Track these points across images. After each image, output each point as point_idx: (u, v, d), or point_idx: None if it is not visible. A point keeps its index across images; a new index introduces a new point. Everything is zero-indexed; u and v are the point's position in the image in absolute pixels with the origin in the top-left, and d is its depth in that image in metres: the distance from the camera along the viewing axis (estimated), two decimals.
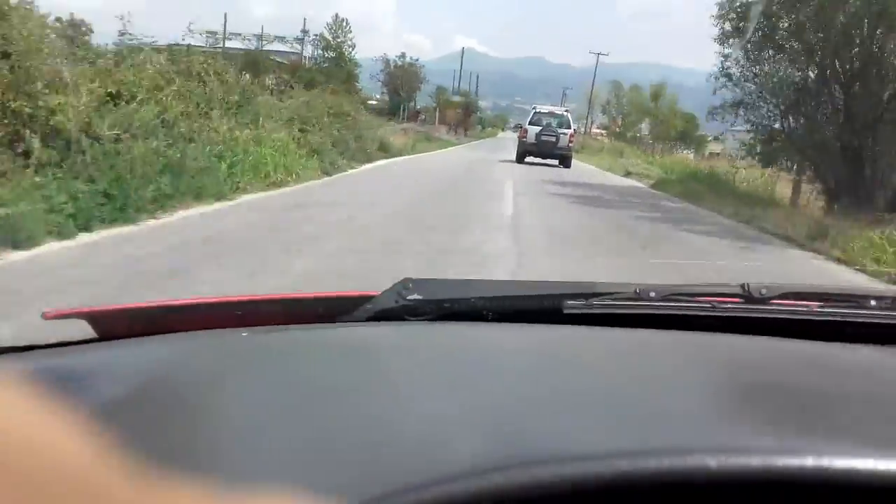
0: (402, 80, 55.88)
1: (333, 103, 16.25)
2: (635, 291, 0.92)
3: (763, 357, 0.84)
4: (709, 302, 0.92)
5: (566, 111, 25.56)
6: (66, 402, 0.25)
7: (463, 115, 57.63)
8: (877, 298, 0.94)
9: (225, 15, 57.26)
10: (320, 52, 73.54)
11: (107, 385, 0.67)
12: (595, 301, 0.90)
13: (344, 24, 76.04)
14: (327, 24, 76.70)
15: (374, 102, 78.66)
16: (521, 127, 26.11)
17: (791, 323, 0.92)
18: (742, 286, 0.92)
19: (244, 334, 0.84)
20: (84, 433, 0.21)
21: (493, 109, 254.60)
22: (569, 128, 23.10)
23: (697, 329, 0.90)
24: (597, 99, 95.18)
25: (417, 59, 58.42)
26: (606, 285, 0.96)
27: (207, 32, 63.98)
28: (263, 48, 72.87)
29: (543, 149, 21.83)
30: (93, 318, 0.85)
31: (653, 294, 0.92)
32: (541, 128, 22.19)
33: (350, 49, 74.86)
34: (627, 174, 20.82)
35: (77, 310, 0.86)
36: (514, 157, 22.66)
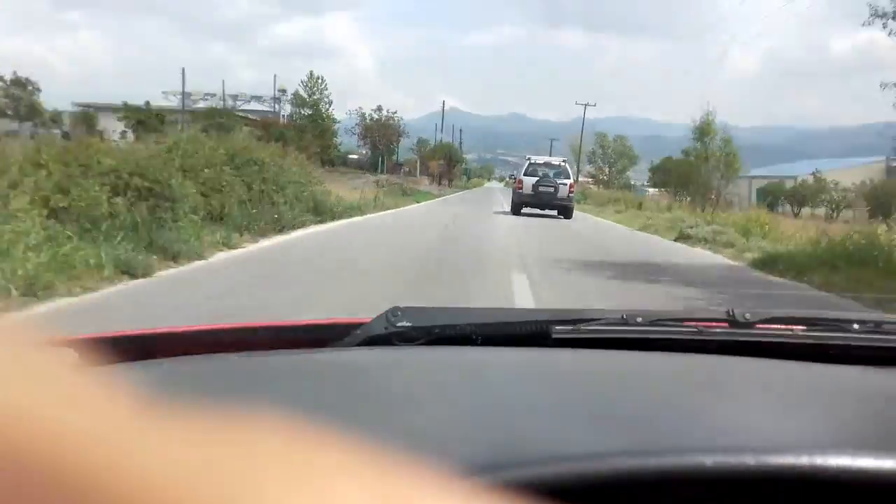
0: (378, 133, 53.63)
1: (235, 148, 10.69)
2: (622, 317, 0.92)
3: (748, 376, 0.85)
4: (695, 326, 0.93)
5: (563, 161, 23.24)
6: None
7: (446, 166, 54.10)
8: (859, 322, 0.95)
9: (183, 70, 55.75)
10: (295, 109, 71.34)
11: None
12: (583, 326, 0.91)
13: (319, 80, 73.19)
14: (302, 82, 73.60)
15: (355, 157, 75.91)
16: (514, 178, 24.50)
17: (776, 346, 0.94)
18: (727, 311, 0.93)
19: (236, 358, 0.83)
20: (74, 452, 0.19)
21: (477, 162, 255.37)
22: (567, 178, 21.31)
23: (684, 352, 0.91)
24: (581, 150, 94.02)
25: (395, 112, 54.98)
26: (595, 311, 0.96)
27: (181, 93, 59.83)
28: (240, 108, 70.16)
29: (542, 200, 20.23)
30: (81, 346, 0.84)
31: (640, 319, 0.92)
32: (538, 178, 20.63)
33: (327, 105, 72.60)
34: (684, 238, 13.34)
35: (60, 338, 0.85)
36: (506, 209, 21.71)
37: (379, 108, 55.45)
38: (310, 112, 69.66)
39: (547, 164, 22.18)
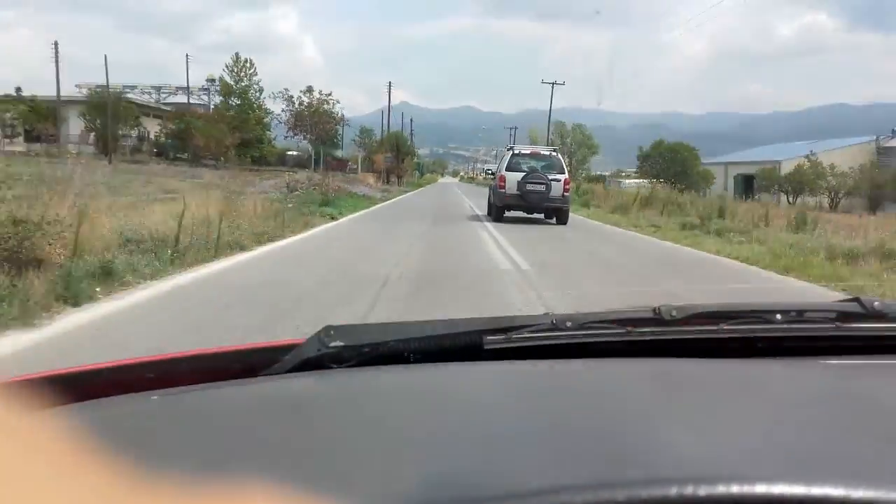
0: (311, 121, 45.07)
1: None
2: (552, 322, 0.93)
3: (677, 380, 0.86)
4: (623, 328, 0.94)
5: (554, 151, 18.14)
6: None
7: (394, 159, 45.59)
8: (782, 312, 0.96)
9: (56, 45, 47.26)
10: (221, 98, 61.91)
11: None
12: (514, 335, 0.91)
13: (247, 64, 63.55)
14: (227, 66, 64.30)
15: (294, 153, 66.70)
16: (491, 173, 19.88)
17: (703, 342, 0.95)
18: (654, 310, 0.94)
19: (154, 398, 0.79)
20: None
21: (430, 156, 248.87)
22: (561, 172, 16.66)
23: (615, 355, 0.93)
24: (538, 141, 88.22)
25: (329, 95, 45.54)
26: (524, 318, 0.96)
27: (97, 86, 50.55)
28: (165, 100, 60.51)
29: (531, 201, 16.03)
30: None
31: (569, 324, 0.93)
32: (524, 174, 16.33)
33: (257, 94, 63.14)
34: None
35: None
36: (477, 212, 18.49)
37: (309, 90, 45.95)
38: (237, 102, 61.28)
39: (535, 156, 17.40)
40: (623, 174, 75.50)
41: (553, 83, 51.70)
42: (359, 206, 18.82)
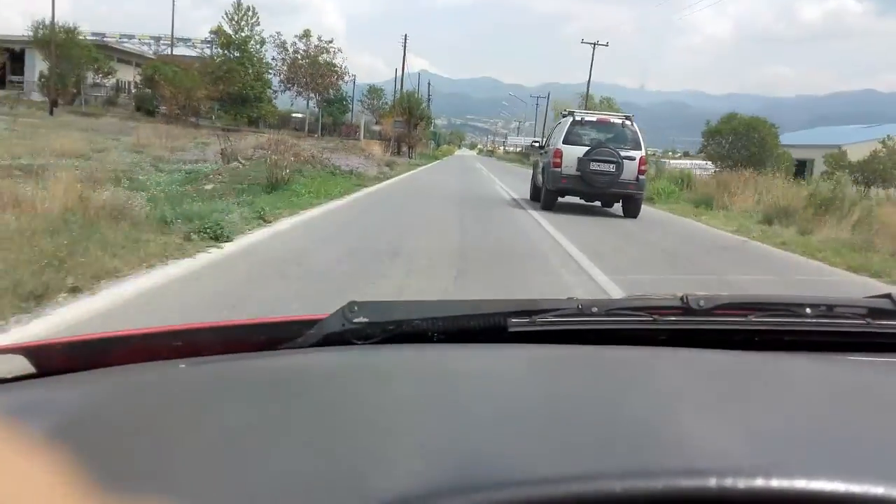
0: (308, 73, 39.09)
1: None
2: (578, 307, 0.91)
3: (703, 371, 0.84)
4: (650, 315, 0.92)
5: (628, 119, 12.50)
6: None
7: (405, 124, 37.30)
8: (812, 306, 0.94)
9: None
10: (218, 50, 54.74)
11: (42, 424, 0.64)
12: (538, 318, 0.89)
13: (249, 12, 56.32)
14: (226, 14, 56.85)
15: (299, 115, 59.19)
16: (541, 146, 14.59)
17: (730, 333, 0.93)
18: (682, 298, 0.92)
19: (182, 366, 0.80)
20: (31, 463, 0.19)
21: (447, 127, 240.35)
22: (637, 148, 11.86)
23: (640, 343, 0.90)
24: (560, 115, 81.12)
25: (331, 42, 38.73)
26: (550, 302, 0.94)
27: (94, 33, 44.54)
28: (163, 52, 53.36)
29: (595, 184, 11.46)
30: (28, 352, 0.83)
31: (595, 309, 0.91)
32: (587, 148, 11.59)
33: (258, 45, 55.81)
34: None
35: (11, 345, 0.84)
36: (516, 196, 14.49)
37: (306, 35, 38.63)
38: (236, 54, 53.85)
39: (601, 125, 12.44)
40: (670, 153, 68.36)
41: (595, 43, 44.33)
42: (332, 191, 11.25)
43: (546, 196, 12.09)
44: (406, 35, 39.00)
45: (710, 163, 33.70)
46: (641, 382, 0.80)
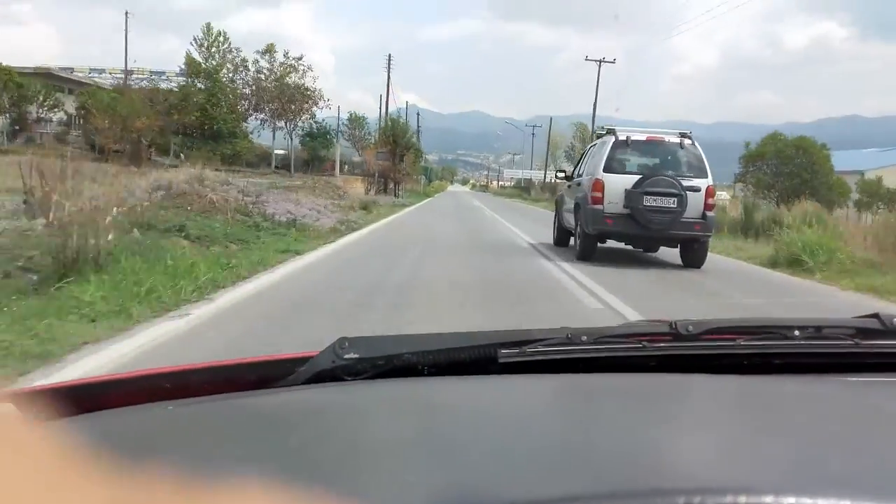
0: (275, 97, 32.87)
1: None
2: (567, 336, 0.91)
3: (694, 396, 0.85)
4: (639, 342, 0.92)
5: (686, 137, 9.03)
6: None
7: (390, 156, 31.01)
8: (800, 328, 0.94)
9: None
10: (184, 79, 49.18)
11: None
12: (528, 348, 0.90)
13: (220, 37, 50.67)
14: (195, 39, 51.54)
15: (281, 152, 53.53)
16: (568, 178, 11.29)
17: (720, 357, 0.93)
18: (670, 324, 0.92)
19: (170, 408, 0.79)
20: None
21: (438, 163, 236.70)
22: (702, 175, 8.88)
23: (630, 370, 0.90)
24: (557, 146, 77.37)
25: (301, 59, 33.35)
26: (540, 332, 0.94)
27: (60, 67, 39.29)
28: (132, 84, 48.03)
29: (651, 225, 8.63)
30: (15, 398, 0.79)
31: (584, 338, 0.91)
32: (641, 177, 8.72)
33: (230, 73, 50.13)
34: None
35: (5, 391, 0.82)
36: (536, 249, 10.90)
37: (269, 51, 32.79)
38: (204, 85, 41.96)
39: (653, 145, 9.14)
40: None
41: (600, 61, 39.58)
42: (199, 275, 5.34)
43: (584, 242, 9.07)
44: (390, 55, 34.22)
45: (726, 193, 28.55)
46: (631, 409, 0.80)
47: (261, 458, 0.62)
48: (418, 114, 64.13)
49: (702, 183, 8.64)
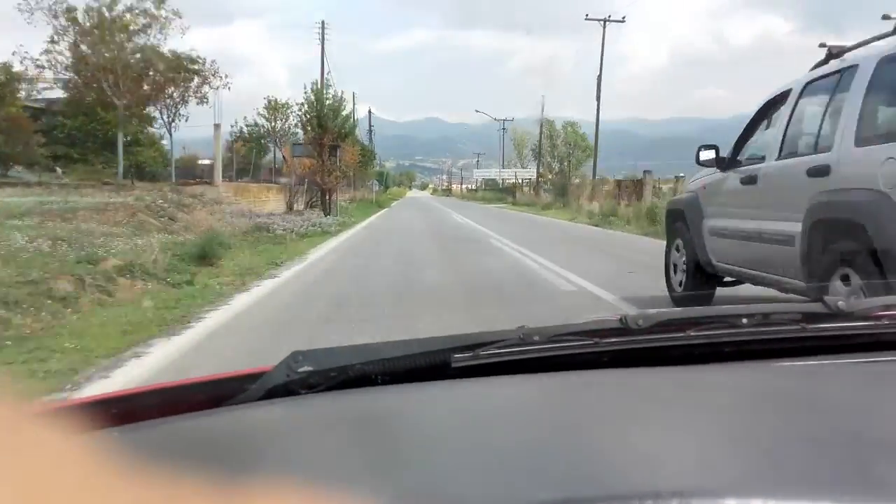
0: (110, 58, 18.41)
1: None
2: (520, 337, 0.90)
3: (647, 390, 0.84)
4: (591, 339, 0.92)
5: None
6: None
7: (316, 149, 20.07)
8: (748, 316, 0.95)
9: None
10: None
11: None
12: (481, 351, 0.89)
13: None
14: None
15: (206, 162, 40.92)
16: (731, 165, 5.08)
17: (671, 349, 0.93)
18: (620, 319, 0.92)
19: (114, 434, 0.75)
20: None
21: (396, 170, 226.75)
22: None
23: (584, 367, 0.91)
24: (522, 144, 70.01)
25: (164, 1, 19.78)
26: (493, 334, 0.93)
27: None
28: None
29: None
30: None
31: (536, 338, 0.90)
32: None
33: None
34: None
35: None
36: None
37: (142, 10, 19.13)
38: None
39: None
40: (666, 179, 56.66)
41: (605, 20, 30.54)
42: None
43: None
44: (323, 21, 24.41)
45: None
46: (585, 408, 0.79)
47: (215, 479, 0.52)
48: (370, 111, 54.75)
49: None
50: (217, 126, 20.42)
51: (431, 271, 8.11)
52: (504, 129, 65.71)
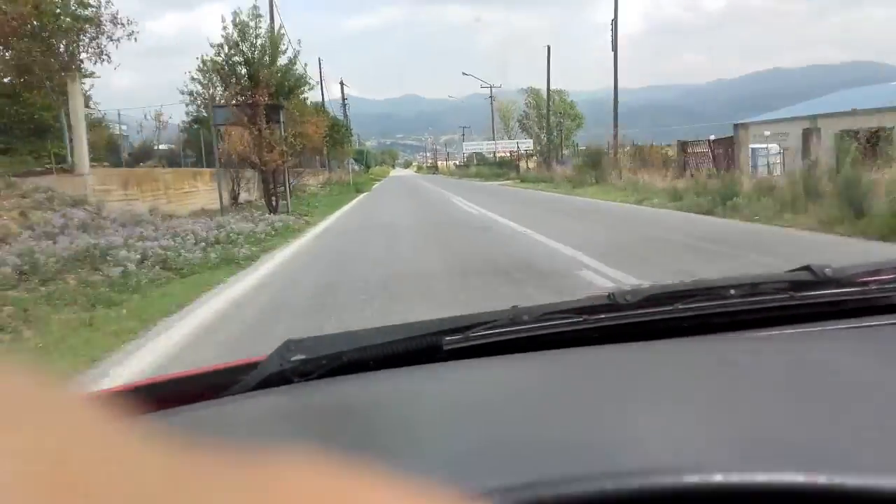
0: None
1: None
2: (510, 317, 0.91)
3: (637, 365, 0.83)
4: (579, 316, 0.91)
5: None
6: None
7: (247, 115, 13.23)
8: (735, 287, 0.94)
9: None
10: None
11: None
12: (472, 333, 0.89)
13: None
14: None
15: (164, 147, 34.79)
16: None
17: (659, 323, 0.92)
18: (609, 295, 0.92)
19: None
20: None
21: (378, 148, 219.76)
22: None
23: (574, 344, 0.90)
24: (508, 116, 65.16)
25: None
26: (483, 315, 0.93)
27: None
28: None
29: None
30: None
31: (526, 317, 0.90)
32: None
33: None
34: None
35: None
36: None
37: None
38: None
39: None
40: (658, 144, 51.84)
41: None
42: None
43: None
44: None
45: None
46: (575, 384, 0.79)
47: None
48: (342, 82, 48.95)
49: None
50: (79, 88, 14.31)
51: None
52: (493, 97, 60.25)
